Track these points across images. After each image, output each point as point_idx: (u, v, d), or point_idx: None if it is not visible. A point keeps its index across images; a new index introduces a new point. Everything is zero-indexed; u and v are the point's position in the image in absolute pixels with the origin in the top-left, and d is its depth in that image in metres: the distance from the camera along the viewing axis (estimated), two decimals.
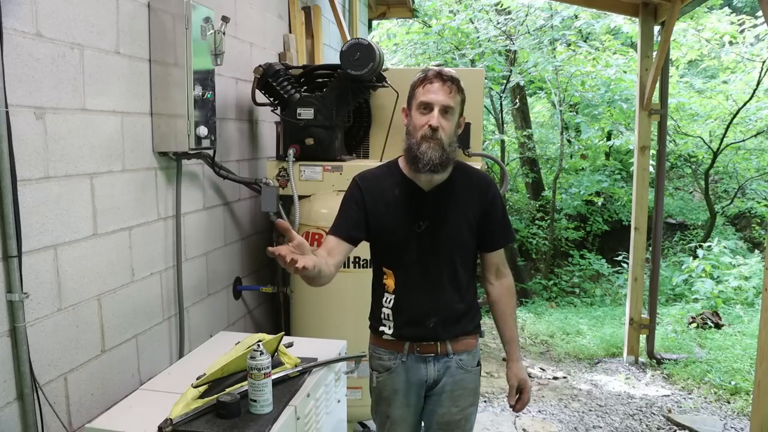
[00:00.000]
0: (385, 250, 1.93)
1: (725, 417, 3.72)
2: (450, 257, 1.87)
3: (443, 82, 1.76)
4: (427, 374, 1.92)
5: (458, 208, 1.86)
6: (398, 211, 1.86)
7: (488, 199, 1.89)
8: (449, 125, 1.78)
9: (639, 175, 4.59)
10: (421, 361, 1.91)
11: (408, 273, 1.88)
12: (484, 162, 3.45)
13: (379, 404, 2.00)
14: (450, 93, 1.76)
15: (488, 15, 9.14)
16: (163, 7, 2.27)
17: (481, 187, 1.90)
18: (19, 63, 1.68)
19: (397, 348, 1.92)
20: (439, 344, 1.90)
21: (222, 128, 2.87)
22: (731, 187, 10.00)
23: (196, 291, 2.72)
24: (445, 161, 1.78)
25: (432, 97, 1.75)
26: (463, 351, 1.93)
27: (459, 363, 1.92)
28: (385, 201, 1.87)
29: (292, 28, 3.82)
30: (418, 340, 1.90)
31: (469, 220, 1.87)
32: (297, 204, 2.87)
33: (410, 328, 1.89)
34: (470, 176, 1.92)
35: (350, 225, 1.86)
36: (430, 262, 1.86)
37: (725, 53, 8.34)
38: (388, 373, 1.94)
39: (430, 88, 1.76)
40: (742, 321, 5.49)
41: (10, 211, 1.63)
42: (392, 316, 1.91)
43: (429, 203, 1.85)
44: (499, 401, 3.92)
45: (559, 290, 8.92)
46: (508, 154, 10.45)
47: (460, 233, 1.87)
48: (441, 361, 1.91)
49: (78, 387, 1.95)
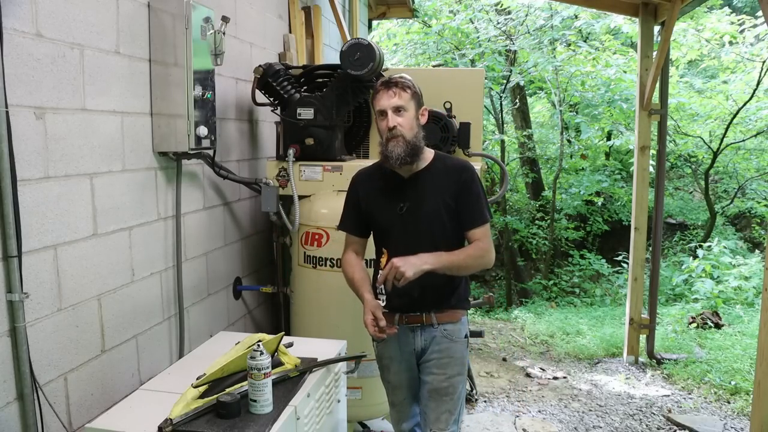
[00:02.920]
0: (377, 231, 2.25)
1: (725, 417, 3.72)
2: (429, 234, 2.12)
3: (387, 88, 2.08)
4: (415, 343, 2.20)
5: (436, 191, 2.12)
6: (383, 197, 2.19)
7: (461, 182, 2.12)
8: (405, 120, 2.07)
9: (639, 175, 4.58)
10: (409, 331, 2.19)
11: (395, 250, 2.09)
12: (484, 162, 3.46)
13: (382, 371, 2.32)
14: (395, 95, 2.06)
15: (488, 15, 9.14)
16: (163, 7, 2.27)
17: (456, 172, 2.14)
18: (19, 63, 1.68)
19: (389, 319, 2.12)
20: (424, 315, 2.16)
21: (222, 128, 2.87)
22: (731, 187, 10.00)
23: (196, 291, 2.72)
24: (411, 152, 2.07)
25: (382, 103, 2.08)
26: (447, 322, 2.18)
27: (444, 333, 2.17)
28: (374, 190, 2.21)
29: (292, 28, 3.82)
30: (406, 311, 2.17)
31: (446, 201, 2.12)
32: (297, 204, 2.87)
33: (399, 299, 2.11)
34: (448, 163, 2.19)
35: (360, 222, 2.26)
36: (412, 238, 2.11)
37: (725, 53, 8.33)
38: (383, 342, 2.20)
39: (378, 97, 2.09)
40: (742, 321, 5.49)
41: (10, 211, 1.64)
42: (384, 290, 2.10)
43: (408, 187, 2.15)
44: (499, 401, 3.92)
45: (559, 290, 8.92)
46: (508, 154, 10.46)
47: (438, 213, 2.12)
48: (427, 330, 2.18)
49: (78, 387, 1.95)
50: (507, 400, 3.96)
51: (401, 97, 2.07)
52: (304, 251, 2.90)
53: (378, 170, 2.24)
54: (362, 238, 2.29)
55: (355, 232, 2.28)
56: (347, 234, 2.29)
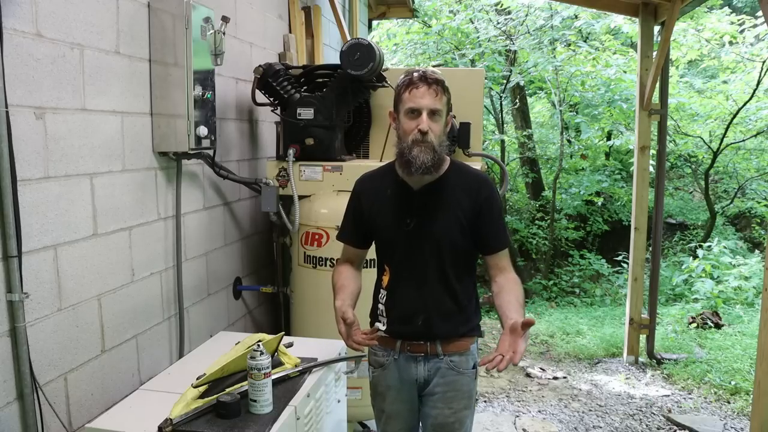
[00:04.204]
0: (380, 246, 2.00)
1: (725, 417, 3.72)
2: (438, 255, 1.87)
3: (428, 85, 1.78)
4: (417, 374, 1.94)
5: (449, 208, 1.86)
6: (389, 210, 1.92)
7: (481, 200, 1.87)
8: (438, 127, 1.80)
9: (639, 175, 4.58)
10: (411, 360, 1.94)
11: (399, 269, 1.92)
12: (484, 162, 3.46)
13: (375, 399, 2.05)
14: (436, 96, 1.78)
15: (488, 15, 9.14)
16: (163, 7, 2.27)
17: (474, 188, 1.88)
18: (19, 63, 1.68)
19: (390, 345, 1.96)
20: (429, 344, 1.91)
21: (222, 128, 2.87)
22: (731, 187, 10.00)
23: (196, 291, 2.72)
24: (437, 162, 1.81)
25: (419, 101, 1.77)
26: (454, 353, 1.92)
27: (450, 364, 1.92)
28: (379, 201, 1.94)
29: (292, 28, 3.82)
30: (409, 338, 1.93)
31: (459, 220, 1.86)
32: (297, 204, 2.87)
33: (402, 326, 1.92)
34: (464, 176, 1.92)
35: (359, 232, 2.02)
36: (418, 259, 1.88)
37: (725, 53, 8.33)
38: (381, 369, 1.99)
39: (416, 93, 1.78)
40: (742, 321, 5.49)
41: (10, 211, 1.63)
42: (386, 312, 1.95)
43: (417, 201, 1.88)
44: (500, 401, 3.92)
45: (559, 290, 8.92)
46: (508, 154, 10.44)
47: (449, 232, 1.86)
48: (431, 361, 1.92)
49: (78, 387, 1.95)
50: (507, 400, 3.96)
51: (441, 99, 1.79)
52: (304, 251, 2.90)
53: (385, 176, 1.97)
54: (360, 250, 2.05)
55: (354, 244, 2.04)
56: (349, 247, 2.05)
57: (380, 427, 2.07)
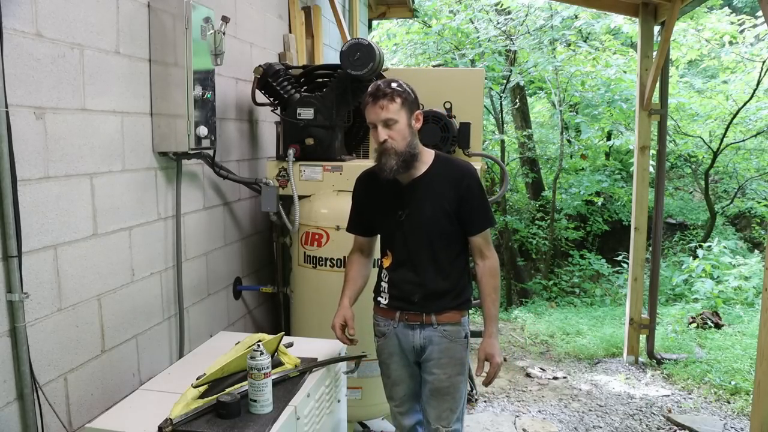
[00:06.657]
0: (381, 235, 2.28)
1: (725, 417, 3.72)
2: (429, 241, 2.12)
3: (375, 100, 2.01)
4: (414, 340, 2.19)
5: (434, 199, 2.10)
6: (385, 203, 2.18)
7: (462, 187, 2.10)
8: (396, 132, 2.02)
9: (639, 175, 4.58)
10: (408, 328, 2.19)
11: (398, 254, 2.18)
12: (484, 162, 3.46)
13: (381, 368, 2.32)
14: (383, 108, 2.00)
15: (488, 15, 9.14)
16: (163, 7, 2.27)
17: (457, 178, 2.11)
18: (19, 63, 1.68)
19: (390, 316, 2.22)
20: (424, 315, 2.16)
21: (222, 128, 2.87)
22: (731, 187, 10.00)
23: (196, 291, 2.72)
24: (404, 162, 2.04)
25: (372, 117, 2.03)
26: (446, 322, 2.17)
27: (443, 333, 2.17)
28: (376, 195, 2.20)
29: (292, 28, 3.82)
30: (406, 309, 2.19)
31: (445, 208, 2.10)
32: (297, 204, 2.87)
33: (399, 301, 2.19)
34: (449, 168, 2.14)
35: (363, 223, 2.29)
36: (412, 245, 2.14)
37: (725, 53, 8.32)
38: (384, 337, 2.25)
39: (369, 110, 2.04)
40: (742, 321, 5.48)
41: (10, 211, 1.64)
42: (387, 290, 2.22)
43: (407, 194, 2.13)
44: (500, 401, 3.92)
45: (559, 290, 8.92)
46: (508, 154, 10.45)
47: (437, 220, 2.11)
48: (426, 329, 2.17)
49: (78, 387, 1.95)
50: (507, 400, 3.96)
51: (389, 109, 2.00)
52: (304, 251, 2.90)
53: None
54: (367, 238, 2.32)
55: (361, 233, 2.32)
56: (359, 236, 2.33)
57: (387, 393, 2.34)
